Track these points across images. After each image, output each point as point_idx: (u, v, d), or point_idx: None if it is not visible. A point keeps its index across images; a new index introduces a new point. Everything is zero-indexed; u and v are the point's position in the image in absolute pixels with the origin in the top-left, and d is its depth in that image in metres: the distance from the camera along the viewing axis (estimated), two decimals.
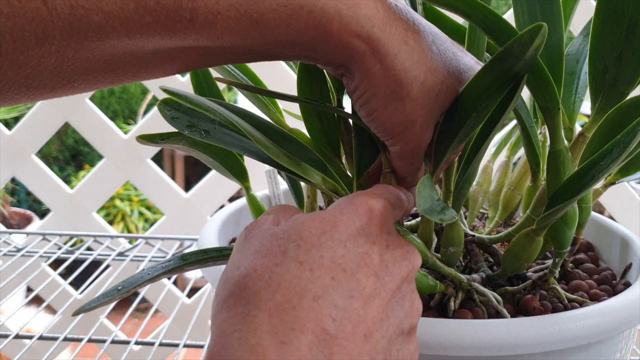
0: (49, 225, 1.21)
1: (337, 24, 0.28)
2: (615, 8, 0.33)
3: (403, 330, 0.28)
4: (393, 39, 0.29)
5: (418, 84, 0.31)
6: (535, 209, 0.39)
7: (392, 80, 0.30)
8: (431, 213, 0.30)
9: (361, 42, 0.29)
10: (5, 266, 0.82)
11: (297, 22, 0.27)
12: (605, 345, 0.35)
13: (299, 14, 0.27)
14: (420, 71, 0.31)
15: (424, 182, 0.31)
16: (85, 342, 0.65)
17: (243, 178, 0.48)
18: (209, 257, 0.38)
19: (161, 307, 1.18)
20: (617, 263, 0.47)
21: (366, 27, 0.29)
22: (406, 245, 0.30)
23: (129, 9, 0.24)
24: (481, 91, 0.31)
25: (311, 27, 0.28)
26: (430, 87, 0.31)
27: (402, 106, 0.31)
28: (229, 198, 1.22)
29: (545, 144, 0.43)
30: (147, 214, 2.25)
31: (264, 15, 0.27)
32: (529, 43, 0.27)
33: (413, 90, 0.31)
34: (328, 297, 0.26)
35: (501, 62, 0.29)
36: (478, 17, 0.32)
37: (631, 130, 0.31)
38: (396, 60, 0.30)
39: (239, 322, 0.25)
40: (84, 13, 0.24)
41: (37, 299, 0.79)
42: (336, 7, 0.28)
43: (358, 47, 0.29)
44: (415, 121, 0.32)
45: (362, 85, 0.31)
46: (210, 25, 0.26)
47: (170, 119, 0.38)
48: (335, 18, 0.28)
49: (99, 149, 1.17)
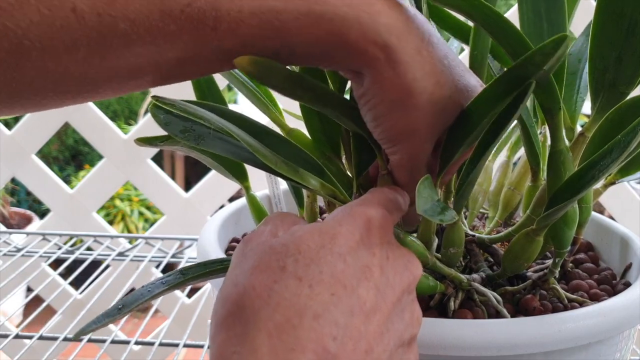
0: (49, 225, 1.21)
1: (356, 32, 0.29)
2: (615, 8, 0.33)
3: (404, 342, 0.28)
4: (408, 48, 0.30)
5: (426, 94, 0.31)
6: (535, 209, 0.39)
7: (402, 88, 0.31)
8: (431, 214, 0.30)
9: (378, 49, 0.29)
10: (5, 266, 0.82)
11: (317, 29, 0.28)
12: (605, 345, 0.35)
13: (319, 22, 0.28)
14: (429, 82, 0.31)
15: (424, 182, 0.31)
16: (85, 342, 0.65)
17: (243, 178, 0.48)
18: (209, 270, 0.38)
19: (161, 307, 1.19)
20: (617, 263, 0.47)
21: (384, 35, 0.29)
22: (407, 255, 0.30)
23: (154, 17, 0.25)
24: (496, 97, 0.31)
25: (331, 34, 0.28)
26: (438, 99, 0.32)
27: (407, 114, 0.31)
28: (229, 198, 1.22)
29: (545, 143, 0.43)
30: (147, 214, 2.25)
31: (286, 24, 0.27)
32: (552, 53, 0.27)
33: (420, 100, 0.31)
34: (329, 315, 0.25)
35: (520, 69, 0.30)
36: (480, 16, 0.32)
37: (631, 130, 0.31)
38: (408, 68, 0.30)
39: (238, 343, 0.25)
40: (110, 21, 0.25)
41: (37, 299, 0.79)
42: (357, 15, 0.28)
43: (374, 54, 0.29)
44: (418, 131, 0.32)
45: (372, 90, 0.31)
46: (233, 32, 0.27)
47: (163, 124, 0.37)
48: (355, 26, 0.28)
49: (99, 149, 1.17)
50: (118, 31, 0.25)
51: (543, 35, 0.37)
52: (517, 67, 0.30)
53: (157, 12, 0.25)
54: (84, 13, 0.24)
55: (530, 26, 0.37)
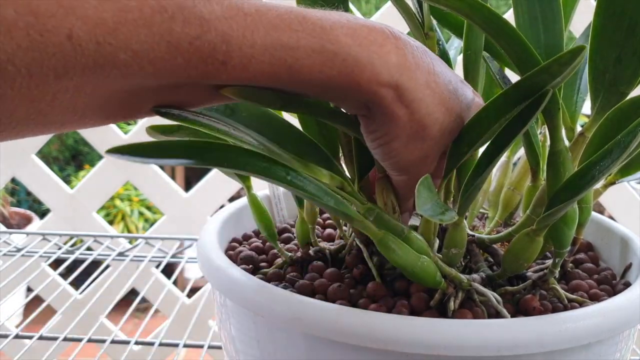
0: (49, 225, 1.21)
1: (368, 73, 0.28)
2: (615, 8, 0.33)
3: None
4: (419, 84, 0.30)
5: (438, 124, 0.32)
6: (535, 209, 0.39)
7: (417, 124, 0.31)
8: (431, 213, 0.30)
9: (391, 90, 0.29)
10: (5, 266, 0.82)
11: (330, 69, 0.28)
12: (605, 345, 0.35)
13: (332, 62, 0.27)
14: (440, 112, 0.32)
15: (423, 182, 0.31)
16: (85, 342, 0.65)
17: (245, 177, 0.48)
18: None
19: (161, 307, 1.18)
20: (617, 263, 0.47)
21: (396, 76, 0.29)
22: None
23: (160, 49, 0.24)
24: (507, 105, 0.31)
25: (343, 74, 0.28)
26: (447, 125, 0.32)
27: (421, 145, 0.32)
28: (229, 198, 1.22)
29: (545, 144, 0.43)
30: (147, 214, 2.25)
31: (298, 61, 0.27)
32: (569, 63, 0.28)
33: (433, 131, 0.32)
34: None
35: (535, 77, 0.30)
36: (478, 17, 0.32)
37: (631, 130, 0.31)
38: (422, 104, 0.31)
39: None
40: (110, 50, 0.23)
41: (37, 299, 0.79)
42: (369, 57, 0.28)
43: (386, 95, 0.30)
44: (429, 157, 0.33)
45: (385, 127, 0.31)
46: (243, 68, 0.26)
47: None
48: (368, 67, 0.28)
49: (99, 149, 1.17)
50: (118, 62, 0.23)
51: (539, 37, 0.37)
52: (533, 76, 0.30)
53: (164, 43, 0.23)
54: (81, 40, 0.22)
55: (527, 28, 0.37)
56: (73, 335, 0.66)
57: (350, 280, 0.40)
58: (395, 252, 0.34)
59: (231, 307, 0.39)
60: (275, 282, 0.41)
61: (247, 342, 0.39)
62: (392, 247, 0.34)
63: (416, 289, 0.38)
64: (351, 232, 0.43)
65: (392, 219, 0.36)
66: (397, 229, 0.35)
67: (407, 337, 0.32)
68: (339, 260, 0.44)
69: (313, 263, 0.43)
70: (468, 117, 0.34)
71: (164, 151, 0.32)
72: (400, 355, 0.32)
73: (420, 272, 0.35)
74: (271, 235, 0.46)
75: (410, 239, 0.35)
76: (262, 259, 0.46)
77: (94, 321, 0.72)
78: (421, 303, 0.37)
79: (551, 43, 0.36)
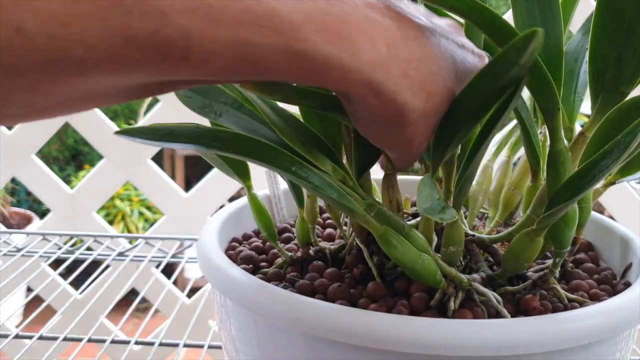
0: (49, 225, 1.21)
1: (337, 72, 0.27)
2: (615, 8, 0.33)
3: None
4: (393, 76, 0.29)
5: (419, 111, 0.31)
6: (535, 209, 0.39)
7: (392, 112, 0.30)
8: (431, 212, 0.30)
9: (362, 87, 0.28)
10: (5, 266, 0.82)
11: (297, 67, 0.26)
12: (605, 345, 0.35)
13: (299, 61, 0.26)
14: (421, 99, 0.30)
15: (424, 181, 0.31)
16: (85, 342, 0.65)
17: (245, 177, 0.48)
18: None
19: (161, 307, 1.18)
20: (617, 263, 0.47)
21: (367, 73, 0.28)
22: None
23: (116, 44, 0.22)
24: (477, 95, 0.31)
25: (311, 73, 0.27)
26: (430, 110, 0.31)
27: (401, 130, 0.31)
28: (229, 198, 1.22)
29: (545, 143, 0.43)
30: (147, 214, 2.25)
31: (262, 60, 0.25)
32: (524, 49, 0.27)
33: (413, 117, 0.31)
34: None
35: (496, 66, 0.29)
36: (477, 17, 0.32)
37: (632, 130, 0.31)
38: (397, 96, 0.29)
39: None
40: (63, 45, 0.21)
41: (37, 299, 0.79)
42: (339, 56, 0.27)
43: (356, 92, 0.29)
44: (414, 139, 0.32)
45: (361, 112, 0.31)
46: (204, 63, 0.24)
47: (184, 97, 0.39)
48: (336, 66, 0.27)
49: (99, 149, 1.17)
50: (72, 57, 0.22)
51: None
52: (493, 65, 0.29)
53: (120, 38, 0.22)
54: (32, 34, 0.20)
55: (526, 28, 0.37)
56: (73, 335, 0.66)
57: (351, 280, 0.40)
58: (396, 248, 0.34)
59: (231, 307, 0.39)
60: (276, 282, 0.41)
61: (247, 342, 0.39)
62: (393, 243, 0.34)
63: (416, 289, 0.38)
64: (351, 231, 0.43)
65: (393, 216, 0.36)
66: (398, 225, 0.35)
67: (407, 337, 0.32)
68: (339, 260, 0.44)
69: (313, 263, 0.43)
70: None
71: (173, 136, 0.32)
72: (400, 355, 0.32)
73: (421, 269, 0.35)
74: (271, 235, 0.46)
75: (410, 236, 0.35)
76: (262, 258, 0.46)
77: (94, 321, 0.72)
78: (421, 303, 0.37)
79: (550, 42, 0.36)
